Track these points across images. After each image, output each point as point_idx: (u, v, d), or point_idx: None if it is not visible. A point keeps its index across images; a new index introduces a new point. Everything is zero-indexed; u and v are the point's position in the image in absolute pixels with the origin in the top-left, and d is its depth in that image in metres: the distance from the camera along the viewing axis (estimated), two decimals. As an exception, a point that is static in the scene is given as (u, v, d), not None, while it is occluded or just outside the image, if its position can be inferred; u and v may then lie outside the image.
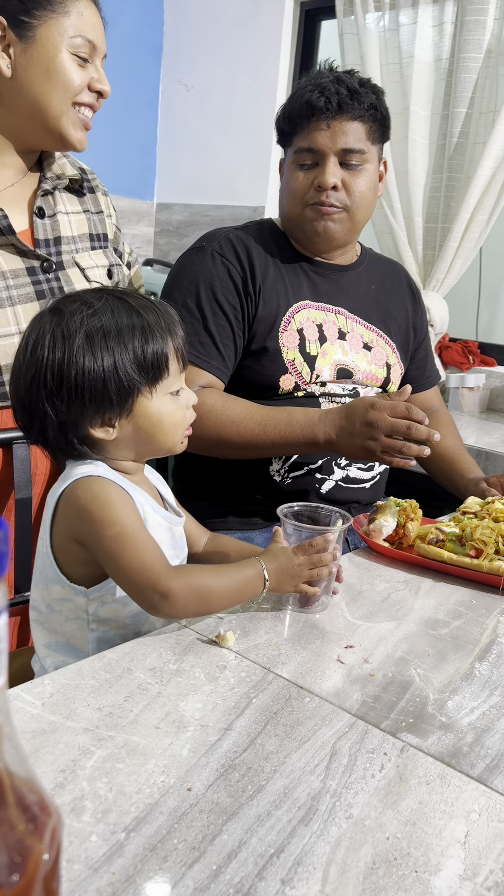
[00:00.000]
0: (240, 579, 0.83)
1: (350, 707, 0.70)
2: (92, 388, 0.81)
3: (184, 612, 0.80)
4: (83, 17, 1.10)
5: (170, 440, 0.89)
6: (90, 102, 1.14)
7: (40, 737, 0.61)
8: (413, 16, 2.33)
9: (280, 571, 0.85)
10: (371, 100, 1.27)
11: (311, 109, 1.26)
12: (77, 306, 0.83)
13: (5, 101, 1.10)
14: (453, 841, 0.55)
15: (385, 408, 1.10)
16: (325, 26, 2.84)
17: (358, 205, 1.31)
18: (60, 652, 0.88)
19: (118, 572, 0.80)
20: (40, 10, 1.07)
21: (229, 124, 2.99)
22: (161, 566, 0.78)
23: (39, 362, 0.82)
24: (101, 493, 0.82)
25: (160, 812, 0.54)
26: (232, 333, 1.28)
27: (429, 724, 0.69)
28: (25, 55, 1.08)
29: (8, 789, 0.30)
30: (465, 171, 2.28)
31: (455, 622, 0.90)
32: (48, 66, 1.08)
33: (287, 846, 0.52)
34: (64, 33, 1.08)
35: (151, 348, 0.84)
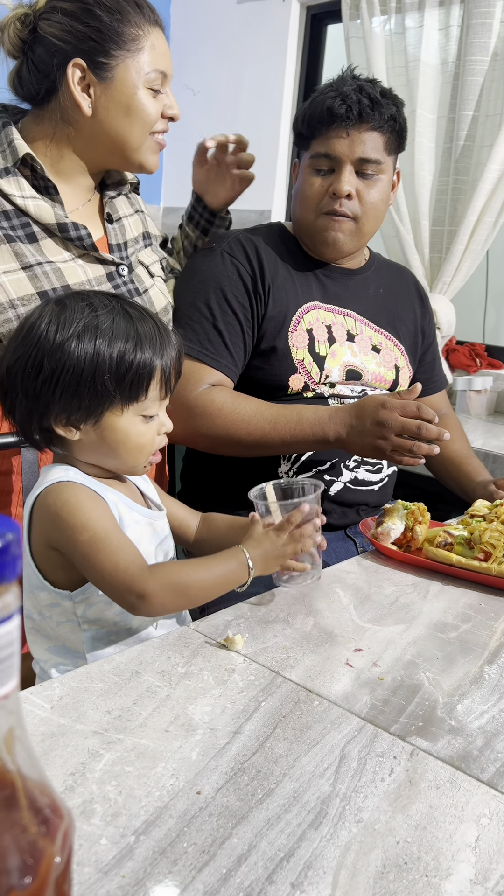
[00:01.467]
0: (221, 571, 0.83)
1: (359, 711, 0.70)
2: (66, 385, 0.82)
3: (163, 610, 0.81)
4: (156, 50, 1.15)
5: (132, 460, 0.88)
6: (163, 129, 1.20)
7: (49, 740, 0.61)
8: (419, 19, 2.33)
9: (265, 555, 0.86)
10: (391, 111, 1.27)
11: (331, 116, 1.26)
12: (81, 305, 0.84)
13: (85, 135, 1.15)
14: (464, 845, 0.54)
15: (396, 407, 1.10)
16: (331, 30, 2.85)
17: (368, 215, 1.32)
18: (59, 655, 0.88)
19: (94, 577, 0.81)
20: (118, 51, 1.11)
21: (236, 128, 2.98)
22: (135, 567, 0.79)
23: (28, 345, 0.83)
24: (69, 498, 0.82)
25: (170, 815, 0.54)
26: (241, 332, 1.29)
27: (438, 727, 0.69)
28: (105, 95, 1.12)
29: (20, 792, 0.30)
30: (472, 174, 2.28)
31: (464, 625, 0.90)
32: (128, 104, 1.13)
33: (297, 850, 0.52)
34: (140, 71, 1.13)
35: (137, 359, 0.83)
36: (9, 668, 0.29)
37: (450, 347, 2.49)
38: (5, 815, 0.30)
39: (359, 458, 1.34)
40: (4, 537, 0.28)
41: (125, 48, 1.11)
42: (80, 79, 1.11)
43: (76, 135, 1.15)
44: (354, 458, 1.34)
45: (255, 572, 0.85)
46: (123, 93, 1.12)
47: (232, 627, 0.84)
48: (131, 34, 1.12)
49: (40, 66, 1.13)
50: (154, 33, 1.15)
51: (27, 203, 1.11)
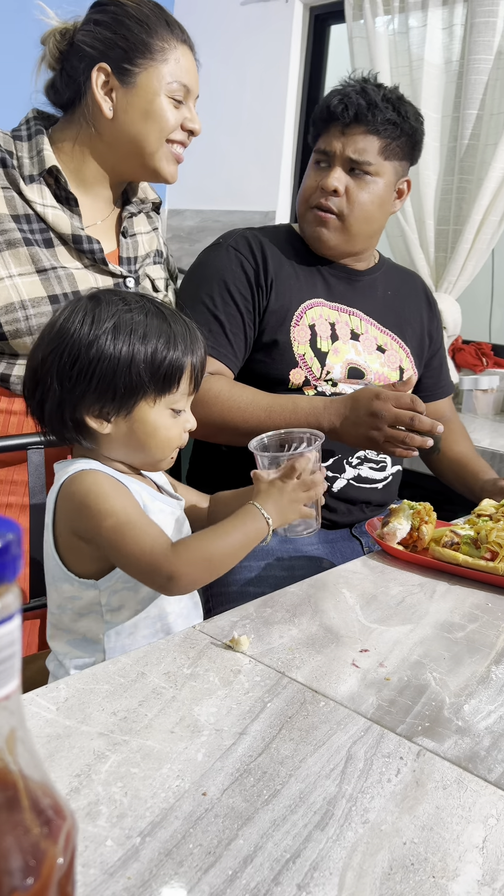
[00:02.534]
0: (241, 532, 0.83)
1: (365, 711, 0.70)
2: (102, 375, 0.83)
3: (194, 586, 0.81)
4: (180, 64, 1.18)
5: (159, 453, 0.89)
6: (181, 140, 1.22)
7: (55, 741, 0.61)
8: (423, 19, 2.33)
9: (279, 505, 0.86)
10: (389, 115, 1.27)
11: (329, 114, 1.29)
12: (115, 300, 0.86)
13: (105, 138, 1.19)
14: (471, 846, 0.54)
15: (390, 398, 1.11)
16: (334, 30, 2.85)
17: (355, 215, 1.31)
18: (79, 648, 0.89)
19: (122, 562, 0.82)
20: (142, 59, 1.15)
21: (239, 129, 3.00)
22: (161, 548, 0.79)
23: (63, 336, 0.84)
24: (93, 485, 0.83)
25: (175, 817, 0.54)
26: (242, 324, 1.30)
27: (445, 728, 0.68)
28: (126, 99, 1.16)
29: (22, 793, 0.30)
30: (477, 173, 2.27)
31: (471, 625, 0.90)
32: (147, 109, 1.16)
33: (303, 851, 0.52)
34: (162, 80, 1.16)
35: (171, 355, 0.85)
36: (10, 668, 0.29)
37: (456, 347, 2.48)
38: (7, 816, 0.30)
39: (362, 455, 1.34)
40: (4, 537, 0.28)
41: (150, 58, 1.15)
42: (103, 83, 1.15)
43: (98, 138, 1.19)
44: (357, 455, 1.34)
45: (273, 523, 0.85)
46: (144, 98, 1.16)
47: (237, 628, 0.83)
48: (158, 46, 1.16)
49: (71, 73, 1.18)
50: (181, 49, 1.19)
51: (46, 211, 1.14)
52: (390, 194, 1.35)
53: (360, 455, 1.34)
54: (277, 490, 0.87)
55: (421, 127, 1.34)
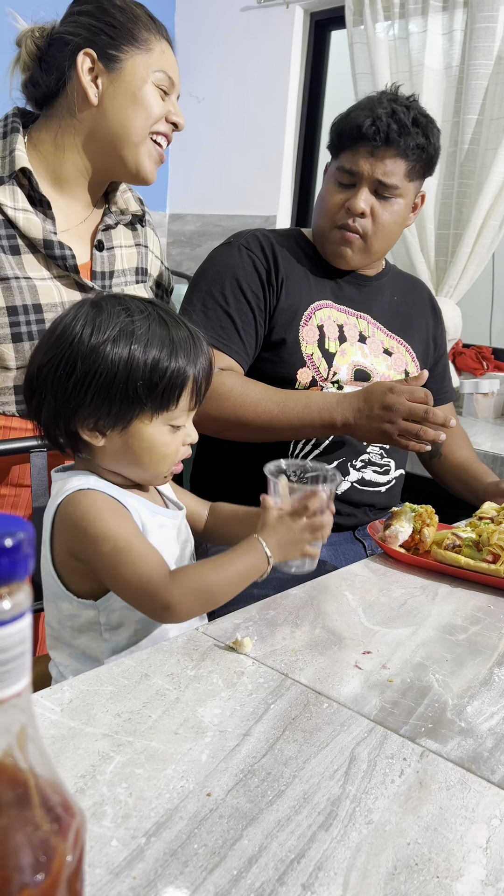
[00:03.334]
0: (241, 567, 0.82)
1: (368, 713, 0.70)
2: (97, 390, 0.81)
3: (189, 616, 0.80)
4: (164, 56, 1.17)
5: (154, 469, 0.87)
6: (165, 132, 1.20)
7: (60, 742, 0.62)
8: (423, 24, 2.34)
9: (283, 543, 0.84)
10: (419, 141, 1.28)
11: (359, 134, 1.28)
12: (118, 309, 0.84)
13: (89, 127, 1.16)
14: (475, 846, 0.54)
15: (404, 392, 1.12)
16: (334, 36, 2.86)
17: (378, 235, 1.33)
18: (79, 661, 0.88)
19: (118, 588, 0.81)
20: (128, 46, 1.14)
21: (240, 135, 3.01)
22: (159, 577, 0.78)
23: (60, 346, 0.82)
24: (90, 508, 0.81)
25: (180, 817, 0.54)
26: (254, 321, 1.30)
27: (448, 729, 0.69)
28: (113, 85, 1.14)
29: (33, 790, 0.31)
30: (477, 178, 2.28)
31: (473, 627, 0.90)
32: (135, 94, 1.15)
33: (308, 851, 0.52)
34: (149, 67, 1.15)
35: (172, 366, 0.82)
36: (20, 665, 0.29)
37: (456, 350, 2.49)
38: (18, 813, 0.30)
39: (366, 459, 1.35)
40: (16, 536, 0.28)
41: (135, 45, 1.14)
42: (88, 68, 1.13)
43: (80, 128, 1.16)
44: (361, 457, 1.34)
45: (273, 560, 0.83)
46: (131, 83, 1.14)
47: (240, 630, 0.84)
48: (143, 36, 1.15)
49: (52, 62, 1.15)
50: (164, 44, 1.18)
51: (17, 215, 1.11)
52: (409, 211, 1.37)
53: (363, 458, 1.34)
54: (285, 528, 0.84)
55: (440, 144, 1.36)
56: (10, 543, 0.28)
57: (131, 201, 1.31)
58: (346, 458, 1.32)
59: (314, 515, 0.85)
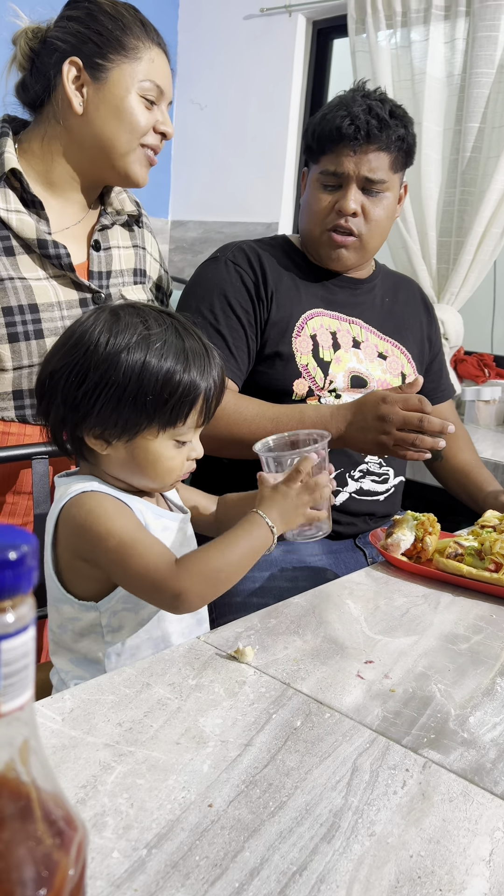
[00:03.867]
0: (246, 544, 0.81)
1: (371, 723, 0.70)
2: (107, 401, 0.81)
3: (203, 602, 0.80)
4: (154, 64, 1.16)
5: (159, 481, 0.87)
6: (154, 144, 1.19)
7: (61, 752, 0.61)
8: (425, 33, 2.35)
9: (284, 511, 0.84)
10: (399, 132, 1.28)
11: (340, 135, 1.27)
12: (135, 321, 0.84)
13: (74, 136, 1.15)
14: (478, 859, 0.54)
15: (397, 401, 1.09)
16: (337, 44, 2.87)
17: (373, 232, 1.33)
18: (80, 667, 0.88)
19: (126, 582, 0.81)
20: (115, 55, 1.12)
21: (242, 142, 3.02)
22: (165, 566, 0.78)
23: (76, 352, 0.82)
24: (94, 507, 0.82)
25: (181, 828, 0.54)
26: (245, 337, 1.30)
27: (451, 740, 0.68)
28: (98, 95, 1.13)
29: (35, 803, 0.30)
30: (479, 185, 2.29)
31: (475, 637, 0.90)
32: (118, 106, 1.13)
33: (310, 864, 0.52)
34: (135, 77, 1.14)
35: (185, 380, 0.82)
36: (24, 679, 0.29)
37: (458, 358, 2.49)
38: (20, 827, 0.30)
39: (364, 469, 1.34)
40: (20, 549, 0.28)
41: (123, 54, 1.13)
42: (74, 77, 1.12)
43: (67, 136, 1.15)
44: (360, 468, 1.34)
45: (277, 531, 0.83)
46: (115, 94, 1.13)
47: (242, 639, 0.83)
48: (132, 44, 1.13)
49: (41, 68, 1.15)
50: (155, 51, 1.16)
51: (10, 216, 1.11)
52: (396, 203, 1.37)
53: (362, 468, 1.34)
54: (281, 495, 0.85)
55: (415, 132, 1.35)
56: (14, 556, 0.28)
57: (127, 202, 1.31)
58: (344, 468, 1.32)
59: (308, 477, 0.85)
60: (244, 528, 0.83)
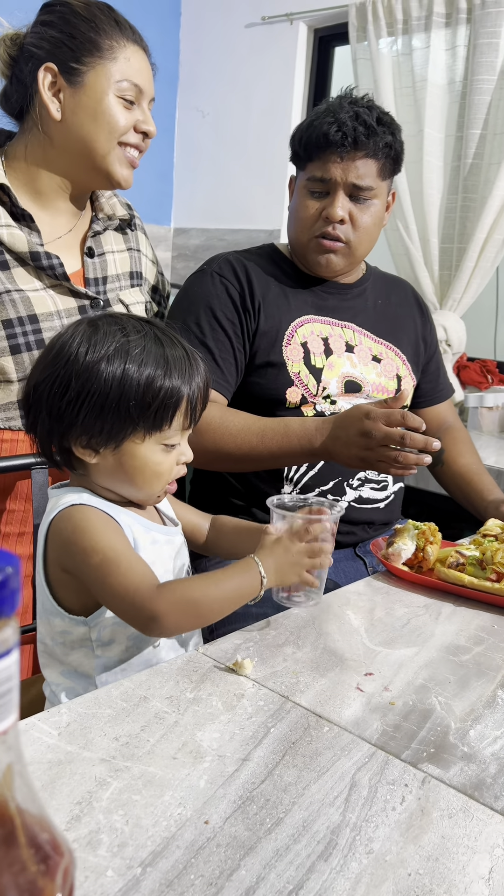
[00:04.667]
0: (232, 586, 0.80)
1: (370, 737, 0.69)
2: (90, 409, 0.81)
3: (177, 629, 0.79)
4: (130, 63, 1.14)
5: (148, 488, 0.87)
6: (136, 143, 1.18)
7: (56, 767, 0.61)
8: (426, 40, 2.35)
9: (280, 565, 0.83)
10: (387, 139, 1.28)
11: (327, 142, 1.27)
12: (114, 329, 0.84)
13: (56, 142, 1.15)
14: (477, 877, 0.53)
15: (379, 416, 1.07)
16: (338, 52, 2.88)
17: (360, 239, 1.33)
18: (71, 679, 0.88)
19: (106, 599, 0.81)
20: (89, 57, 1.11)
21: (245, 150, 3.03)
22: (146, 588, 0.77)
23: (57, 364, 0.83)
24: (80, 522, 0.82)
25: (177, 846, 0.54)
26: (232, 349, 1.30)
27: (450, 754, 0.67)
28: (74, 99, 1.12)
29: (20, 829, 0.30)
30: (481, 192, 2.28)
31: (477, 648, 0.89)
32: (95, 109, 1.13)
33: (306, 882, 0.51)
34: (111, 78, 1.13)
35: (166, 385, 0.82)
36: (7, 703, 0.29)
37: (461, 364, 2.48)
38: (4, 853, 0.29)
39: (362, 477, 1.34)
40: (3, 571, 0.28)
41: (97, 55, 1.12)
42: (50, 83, 1.12)
43: (49, 143, 1.15)
44: (358, 476, 1.33)
45: (268, 583, 0.82)
46: (92, 98, 1.12)
47: (241, 651, 0.83)
48: (106, 45, 1.12)
49: (20, 77, 1.15)
50: (131, 49, 1.15)
51: (1, 231, 1.11)
52: (384, 210, 1.36)
53: (360, 477, 1.33)
54: (282, 549, 0.84)
55: (401, 138, 1.34)
56: (-4, 579, 0.27)
57: (117, 206, 1.31)
58: (343, 477, 1.31)
59: (314, 540, 0.85)
60: (236, 570, 0.82)
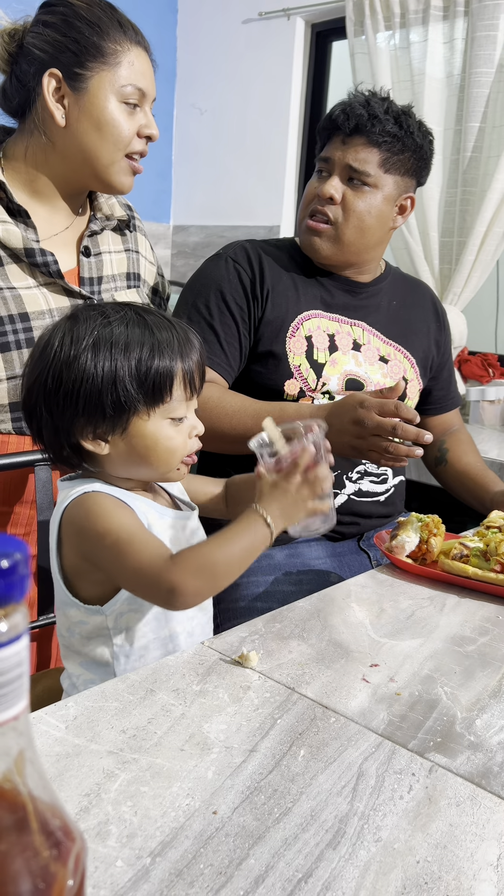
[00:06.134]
0: (244, 541, 0.79)
1: (376, 727, 0.69)
2: (87, 396, 0.81)
3: (197, 597, 0.78)
4: (133, 67, 1.13)
5: (164, 465, 0.86)
6: (141, 150, 1.18)
7: (64, 760, 0.61)
8: (423, 33, 2.35)
9: (284, 507, 0.82)
10: (390, 128, 1.27)
11: (332, 124, 1.31)
12: (93, 315, 0.84)
13: (58, 147, 1.14)
14: (485, 864, 0.53)
15: (373, 406, 1.07)
16: (336, 47, 2.87)
17: (349, 223, 1.30)
18: (90, 671, 0.88)
19: (123, 579, 0.81)
20: (93, 62, 1.10)
21: (243, 146, 3.02)
22: (160, 561, 0.76)
23: (44, 362, 0.82)
24: (92, 507, 0.82)
25: (186, 836, 0.54)
26: (237, 334, 1.30)
27: (457, 743, 0.68)
28: (78, 106, 1.11)
29: (32, 815, 0.30)
30: (480, 185, 2.28)
31: (482, 639, 0.89)
32: (99, 117, 1.12)
33: (315, 870, 0.51)
34: (115, 83, 1.12)
35: (157, 365, 0.82)
36: (18, 688, 0.29)
37: (462, 358, 2.48)
38: (17, 839, 0.29)
39: (362, 470, 1.34)
40: (12, 557, 0.28)
41: (102, 61, 1.11)
42: (55, 89, 1.11)
43: (50, 147, 1.14)
44: (357, 469, 1.33)
45: (277, 528, 0.81)
46: (95, 105, 1.11)
47: (246, 644, 0.83)
48: (110, 49, 1.11)
49: (21, 78, 1.13)
50: (135, 52, 1.14)
51: None
52: (390, 208, 1.33)
53: (359, 470, 1.33)
54: (281, 491, 0.83)
55: (428, 144, 1.33)
56: (5, 565, 0.27)
57: (116, 207, 1.30)
58: (342, 470, 1.31)
59: (307, 471, 0.83)
60: (243, 524, 0.81)
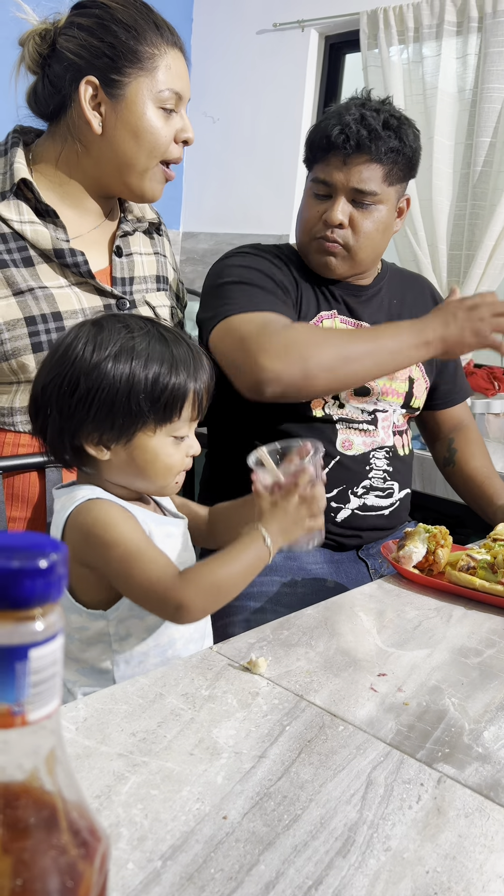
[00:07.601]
0: (247, 560, 0.82)
1: (384, 736, 0.69)
2: (100, 405, 0.82)
3: (203, 614, 0.81)
4: (171, 70, 1.12)
5: (160, 480, 0.88)
6: (177, 157, 1.17)
7: (75, 761, 0.61)
8: (436, 48, 2.36)
9: (283, 526, 0.85)
10: (392, 144, 1.24)
11: (329, 144, 1.25)
12: (118, 326, 0.85)
13: (92, 153, 1.14)
14: (494, 876, 0.53)
15: (476, 296, 1.22)
16: (349, 59, 2.89)
17: (361, 245, 1.30)
18: (88, 677, 0.88)
19: (130, 592, 0.82)
20: (130, 68, 1.09)
21: (254, 155, 3.04)
22: (169, 578, 0.79)
23: (63, 364, 0.83)
24: (100, 515, 0.83)
25: (196, 840, 0.54)
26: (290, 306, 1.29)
27: (465, 754, 0.68)
28: (115, 113, 1.10)
29: (60, 813, 0.30)
30: (490, 199, 2.29)
31: (488, 651, 0.89)
32: (136, 125, 1.11)
33: (325, 878, 0.52)
34: (153, 88, 1.10)
35: (172, 384, 0.84)
36: (52, 687, 0.29)
37: (468, 371, 2.49)
38: (46, 837, 0.30)
39: (367, 484, 1.32)
40: (50, 557, 0.28)
41: (139, 66, 1.09)
42: (91, 97, 1.09)
43: (84, 153, 1.13)
44: (363, 483, 1.32)
45: (276, 546, 0.84)
46: (133, 112, 1.10)
47: (255, 650, 0.83)
48: (147, 53, 1.09)
49: (54, 81, 1.12)
50: (171, 54, 1.12)
51: (24, 228, 1.09)
52: (392, 217, 1.33)
53: (365, 484, 1.32)
54: (282, 511, 0.85)
55: (419, 144, 1.32)
56: (44, 564, 0.28)
57: (147, 209, 1.30)
58: (347, 485, 1.31)
59: (305, 490, 0.86)
60: (245, 543, 0.83)
